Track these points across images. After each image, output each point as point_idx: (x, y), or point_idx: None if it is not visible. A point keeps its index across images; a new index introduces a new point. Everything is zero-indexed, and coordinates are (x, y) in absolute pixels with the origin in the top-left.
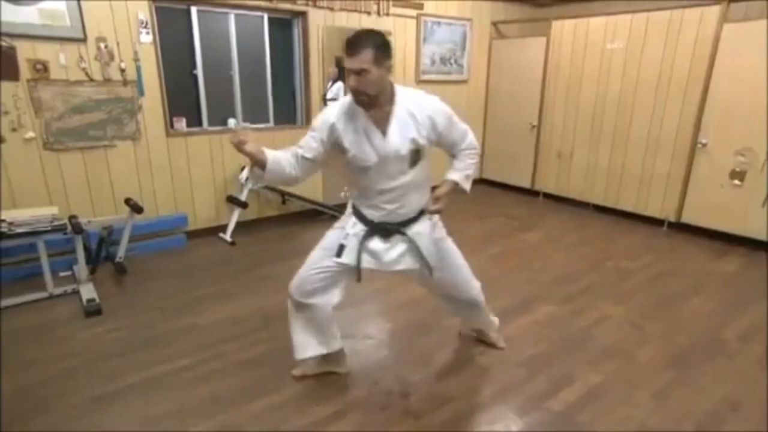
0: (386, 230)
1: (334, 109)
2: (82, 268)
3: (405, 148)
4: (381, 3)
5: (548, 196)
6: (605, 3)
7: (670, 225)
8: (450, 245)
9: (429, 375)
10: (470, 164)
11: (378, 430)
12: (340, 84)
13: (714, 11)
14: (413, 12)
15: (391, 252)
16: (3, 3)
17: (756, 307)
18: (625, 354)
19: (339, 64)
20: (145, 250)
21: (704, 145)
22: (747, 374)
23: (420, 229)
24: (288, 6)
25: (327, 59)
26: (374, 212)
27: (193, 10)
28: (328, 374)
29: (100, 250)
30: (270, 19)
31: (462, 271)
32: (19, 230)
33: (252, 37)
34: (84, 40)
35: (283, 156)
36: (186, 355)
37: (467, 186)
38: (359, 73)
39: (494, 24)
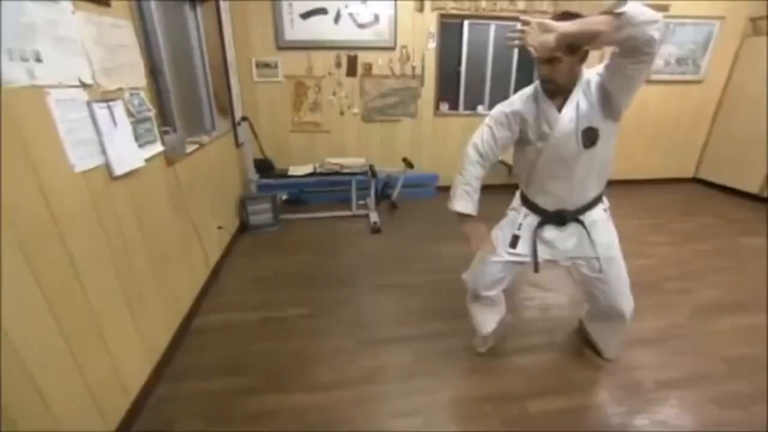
0: (561, 218)
1: (518, 97)
2: (371, 201)
3: (577, 127)
4: None
5: None
6: None
7: None
8: (618, 251)
9: (630, 340)
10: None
11: (571, 371)
12: None
13: None
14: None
15: (568, 241)
16: (355, 28)
17: None
18: None
19: None
20: (409, 195)
21: None
22: None
23: (596, 218)
24: (538, 17)
25: None
26: (548, 200)
27: (465, 23)
28: (535, 314)
29: (383, 191)
30: None
31: (623, 279)
32: (346, 171)
33: (504, 43)
34: (393, 48)
35: (474, 184)
36: (430, 272)
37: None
38: (551, 61)
39: (752, 20)
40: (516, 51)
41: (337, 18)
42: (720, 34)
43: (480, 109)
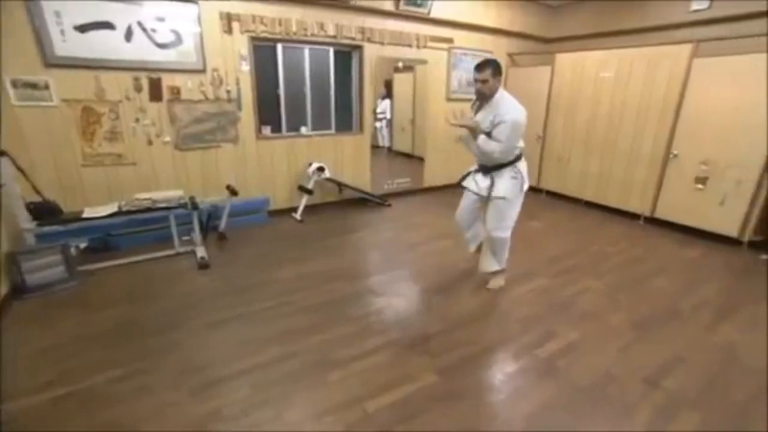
0: (485, 169)
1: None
2: (196, 235)
3: (484, 126)
4: (419, 39)
5: (549, 192)
6: (600, 40)
7: (646, 219)
8: (507, 201)
9: (446, 326)
10: (488, 143)
11: (404, 363)
12: (387, 101)
13: (686, 48)
14: (445, 45)
15: (485, 182)
16: (154, 48)
17: (709, 285)
18: (599, 317)
19: (387, 85)
20: (239, 224)
21: (675, 155)
22: (694, 336)
23: (504, 174)
24: (348, 42)
25: (378, 82)
26: (479, 159)
27: (279, 46)
28: (372, 320)
29: (209, 223)
30: (335, 51)
31: (499, 216)
32: (159, 205)
33: (321, 65)
34: (203, 71)
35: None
36: (267, 299)
37: (476, 139)
38: (483, 82)
39: (510, 55)
40: (332, 71)
41: (129, 35)
42: None
43: (303, 130)
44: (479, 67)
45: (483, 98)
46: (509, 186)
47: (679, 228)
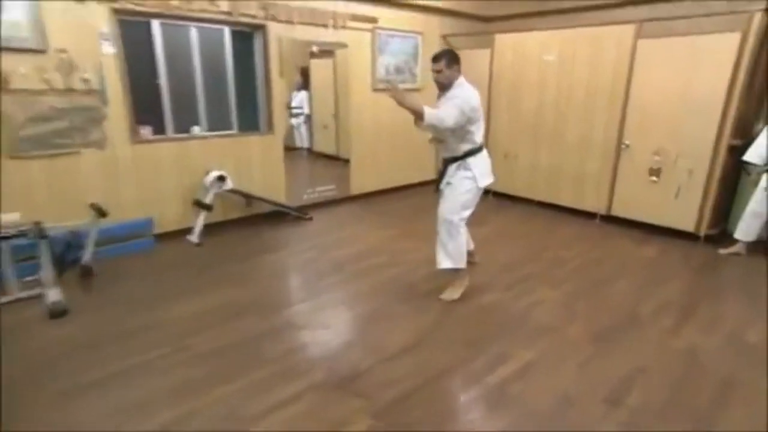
0: (443, 162)
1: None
2: (47, 272)
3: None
4: (336, 18)
5: (497, 194)
6: (542, 19)
7: (602, 217)
8: (456, 188)
9: (382, 358)
10: (429, 110)
11: (333, 409)
12: (304, 93)
13: (630, 29)
14: (368, 25)
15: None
16: None
17: (669, 285)
18: (556, 332)
19: (304, 74)
20: (113, 253)
21: (627, 146)
22: (655, 343)
23: (452, 165)
24: (247, 20)
25: (291, 70)
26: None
27: (155, 23)
28: (293, 360)
29: (67, 255)
30: (231, 32)
31: (451, 201)
32: None
33: (214, 49)
34: (44, 51)
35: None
36: (154, 347)
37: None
38: (438, 72)
39: (444, 37)
40: (230, 57)
41: None
42: (423, 47)
43: (196, 130)
44: (434, 58)
45: (441, 88)
46: (457, 175)
47: (636, 225)
